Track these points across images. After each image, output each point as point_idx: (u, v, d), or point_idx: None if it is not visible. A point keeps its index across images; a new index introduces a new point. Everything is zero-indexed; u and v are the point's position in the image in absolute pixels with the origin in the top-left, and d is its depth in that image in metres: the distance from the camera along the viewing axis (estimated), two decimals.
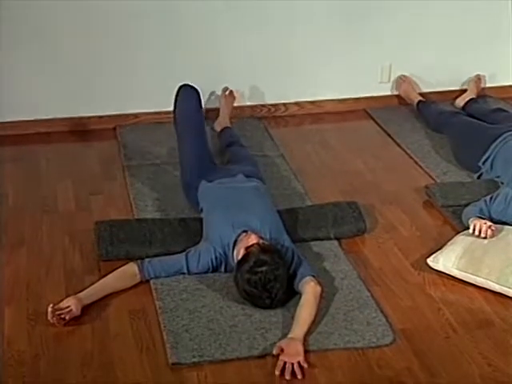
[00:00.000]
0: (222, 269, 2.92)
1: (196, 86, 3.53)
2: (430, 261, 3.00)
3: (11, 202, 3.47)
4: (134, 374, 2.46)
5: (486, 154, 3.56)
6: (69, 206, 3.44)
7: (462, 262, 2.91)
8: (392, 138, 4.13)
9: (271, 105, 4.35)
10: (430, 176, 3.73)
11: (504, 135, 3.55)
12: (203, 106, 3.65)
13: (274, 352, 2.51)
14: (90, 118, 4.16)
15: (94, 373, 2.47)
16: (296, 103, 4.38)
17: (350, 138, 4.18)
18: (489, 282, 2.85)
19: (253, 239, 2.80)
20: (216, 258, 2.90)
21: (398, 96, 4.48)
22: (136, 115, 4.21)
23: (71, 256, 3.06)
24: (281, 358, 2.49)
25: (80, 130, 4.14)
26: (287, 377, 2.44)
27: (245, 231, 2.88)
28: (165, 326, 2.66)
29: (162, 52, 4.13)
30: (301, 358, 2.48)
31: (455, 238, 3.07)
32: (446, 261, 2.95)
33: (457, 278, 2.94)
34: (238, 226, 2.91)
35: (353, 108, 4.43)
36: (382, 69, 4.41)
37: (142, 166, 3.78)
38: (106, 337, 2.63)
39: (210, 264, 2.91)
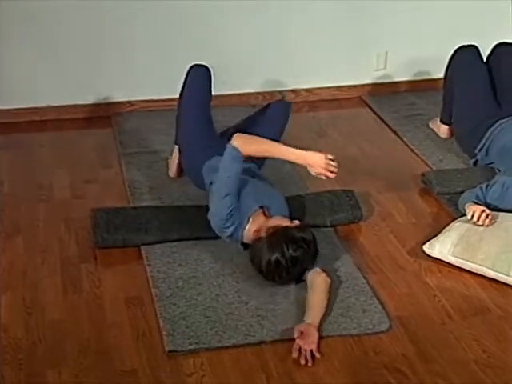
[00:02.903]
0: (229, 231, 2.85)
1: (208, 66, 3.44)
2: (425, 248, 3.00)
3: (6, 190, 3.46)
4: (131, 361, 2.47)
5: (482, 142, 3.55)
6: (64, 194, 3.43)
7: (458, 249, 2.92)
8: (388, 126, 4.13)
9: (267, 92, 4.34)
10: (426, 163, 3.73)
11: (500, 121, 3.55)
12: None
13: (296, 335, 2.50)
14: (85, 105, 4.15)
15: (91, 360, 2.47)
16: (292, 91, 4.38)
17: (346, 125, 4.18)
18: (484, 268, 2.86)
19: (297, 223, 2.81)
20: (231, 213, 2.80)
21: (394, 83, 4.47)
22: (132, 103, 4.20)
23: (67, 244, 3.06)
24: (297, 341, 2.49)
25: (75, 118, 4.13)
26: (302, 362, 2.44)
27: (261, 207, 2.86)
28: (161, 314, 2.67)
29: (158, 40, 4.12)
30: (315, 346, 2.49)
31: (451, 224, 3.08)
32: (441, 248, 2.95)
33: (453, 265, 2.94)
34: (259, 201, 2.88)
35: (349, 95, 4.43)
36: (377, 56, 4.40)
37: (137, 153, 3.77)
38: (102, 324, 2.63)
39: (227, 211, 2.81)
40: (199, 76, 3.42)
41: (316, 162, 2.79)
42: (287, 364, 2.47)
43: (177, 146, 3.51)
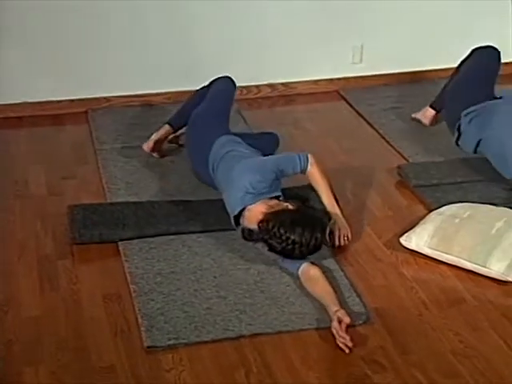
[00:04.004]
0: (253, 190, 2.93)
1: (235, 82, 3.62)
2: (402, 240, 3.02)
3: None
4: (109, 357, 2.46)
5: (471, 108, 3.55)
6: (41, 191, 3.41)
7: (434, 241, 2.94)
8: (364, 119, 4.15)
9: (243, 87, 4.33)
10: (403, 156, 3.75)
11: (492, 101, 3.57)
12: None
13: (336, 323, 2.54)
14: (61, 101, 4.12)
15: (69, 357, 2.46)
16: (268, 85, 4.38)
17: (323, 119, 4.19)
18: (460, 259, 2.89)
19: None
20: (268, 181, 2.98)
21: (370, 77, 4.49)
22: (107, 98, 4.17)
23: (43, 241, 3.04)
24: (336, 326, 2.53)
25: (51, 114, 4.10)
26: (350, 344, 2.48)
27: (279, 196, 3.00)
28: (139, 310, 2.66)
29: (134, 35, 4.10)
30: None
31: (427, 216, 3.10)
32: (418, 240, 2.98)
33: (429, 257, 2.97)
34: (279, 189, 3.04)
35: (325, 89, 4.44)
36: (353, 49, 4.41)
37: (114, 149, 3.76)
38: (80, 321, 2.62)
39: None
40: (228, 86, 3.61)
41: (340, 226, 3.02)
42: (266, 357, 2.48)
43: (167, 126, 3.59)
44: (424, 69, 4.51)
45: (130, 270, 2.86)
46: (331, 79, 4.44)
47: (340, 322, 2.53)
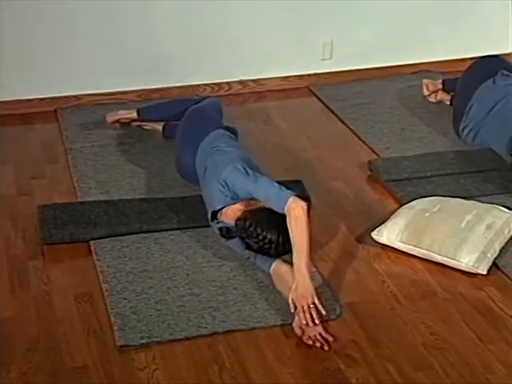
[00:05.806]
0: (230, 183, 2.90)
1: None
2: (374, 234, 3.04)
3: None
4: (82, 357, 2.45)
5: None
6: (10, 191, 3.38)
7: (405, 235, 2.97)
8: (335, 115, 4.16)
9: (214, 84, 4.33)
10: (374, 151, 3.77)
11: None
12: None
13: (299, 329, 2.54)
14: (30, 100, 4.09)
15: (40, 358, 2.44)
16: (239, 82, 4.38)
17: (294, 115, 4.20)
18: (431, 253, 2.92)
19: None
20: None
21: (340, 72, 4.50)
22: (77, 97, 4.14)
23: (14, 241, 3.02)
24: (304, 328, 2.53)
25: (20, 113, 4.06)
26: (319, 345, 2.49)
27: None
28: (112, 309, 2.65)
29: (103, 33, 4.07)
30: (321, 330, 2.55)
31: (398, 211, 3.13)
32: (389, 234, 3.00)
33: (400, 251, 2.99)
34: None
35: (296, 85, 4.44)
36: (323, 46, 4.42)
37: (84, 148, 3.73)
38: (51, 321, 2.60)
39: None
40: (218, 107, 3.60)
41: (302, 292, 2.59)
42: (240, 354, 2.48)
43: (135, 112, 3.72)
44: (394, 64, 4.54)
45: (101, 269, 2.85)
46: (301, 75, 4.45)
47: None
